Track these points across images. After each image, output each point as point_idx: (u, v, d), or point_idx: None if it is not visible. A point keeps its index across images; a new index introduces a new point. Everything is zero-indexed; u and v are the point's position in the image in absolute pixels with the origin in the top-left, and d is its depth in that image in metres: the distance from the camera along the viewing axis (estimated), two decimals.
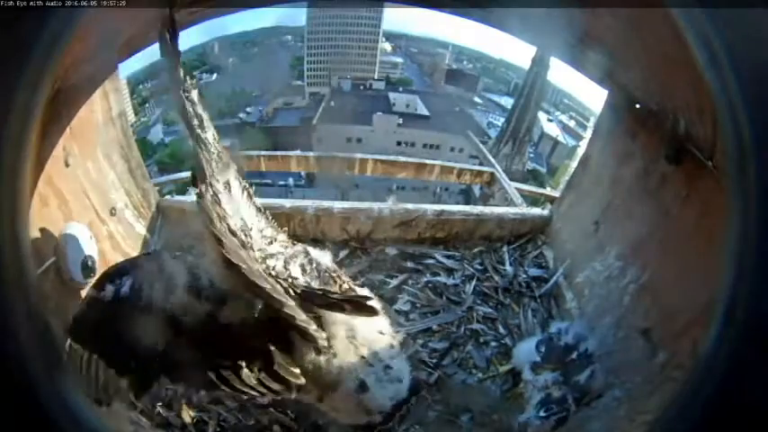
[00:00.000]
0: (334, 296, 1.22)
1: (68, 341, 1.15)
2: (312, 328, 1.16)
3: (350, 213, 2.56)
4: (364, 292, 1.53)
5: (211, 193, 1.17)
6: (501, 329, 2.20)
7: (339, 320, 1.26)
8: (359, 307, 1.18)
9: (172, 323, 1.14)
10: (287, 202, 2.59)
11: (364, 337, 1.32)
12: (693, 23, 0.63)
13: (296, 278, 1.34)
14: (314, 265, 1.43)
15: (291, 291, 1.16)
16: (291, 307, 1.10)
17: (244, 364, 1.13)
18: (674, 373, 1.40)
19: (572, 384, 1.61)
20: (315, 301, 1.19)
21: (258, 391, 1.14)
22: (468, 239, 2.71)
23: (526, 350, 1.79)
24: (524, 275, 2.50)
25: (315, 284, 1.36)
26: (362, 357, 1.32)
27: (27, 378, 0.54)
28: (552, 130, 29.33)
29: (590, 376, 1.62)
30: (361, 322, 1.30)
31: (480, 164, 5.50)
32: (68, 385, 0.60)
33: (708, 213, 1.49)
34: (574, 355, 1.70)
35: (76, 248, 1.59)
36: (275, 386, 1.16)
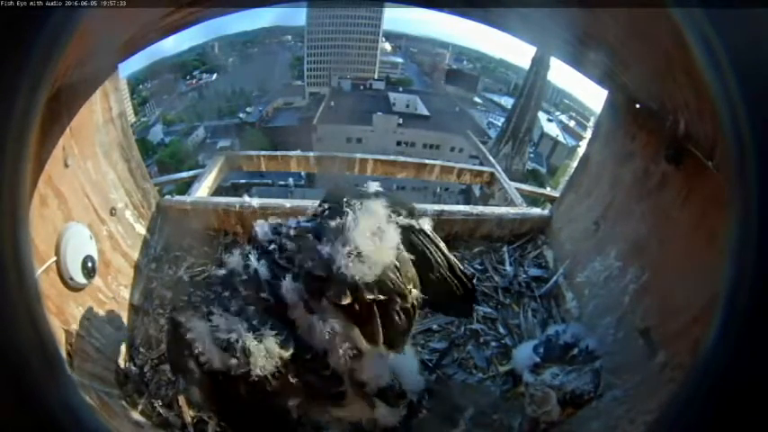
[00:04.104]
0: None
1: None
2: None
3: None
4: None
5: None
6: (501, 329, 2.20)
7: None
8: None
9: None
10: (287, 202, 2.58)
11: None
12: (693, 23, 0.63)
13: None
14: None
15: None
16: None
17: None
18: (674, 373, 1.40)
19: (588, 372, 1.58)
20: None
21: None
22: (469, 239, 2.71)
23: (524, 354, 1.78)
24: (524, 275, 2.50)
25: None
26: None
27: (27, 378, 0.54)
28: (552, 130, 29.36)
29: (601, 367, 1.60)
30: None
31: (480, 164, 5.48)
32: (69, 385, 0.60)
33: (708, 213, 1.49)
34: (575, 351, 1.69)
35: (76, 248, 1.59)
36: None
